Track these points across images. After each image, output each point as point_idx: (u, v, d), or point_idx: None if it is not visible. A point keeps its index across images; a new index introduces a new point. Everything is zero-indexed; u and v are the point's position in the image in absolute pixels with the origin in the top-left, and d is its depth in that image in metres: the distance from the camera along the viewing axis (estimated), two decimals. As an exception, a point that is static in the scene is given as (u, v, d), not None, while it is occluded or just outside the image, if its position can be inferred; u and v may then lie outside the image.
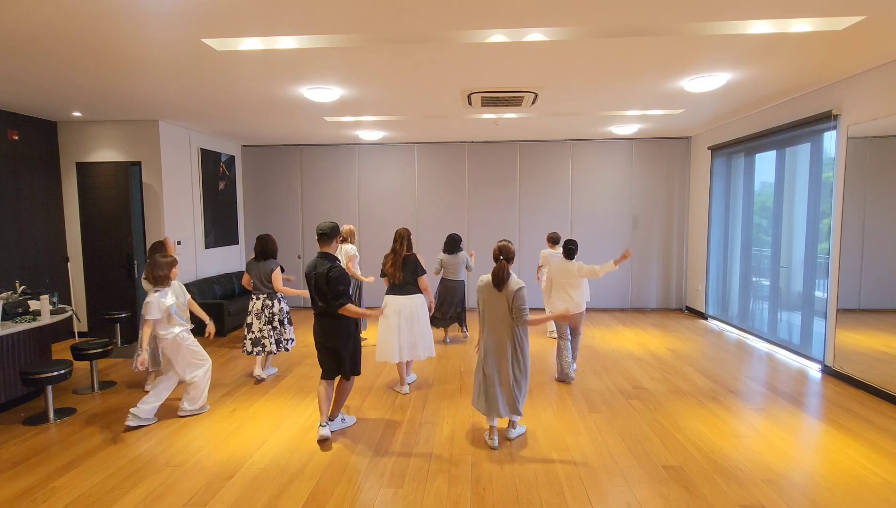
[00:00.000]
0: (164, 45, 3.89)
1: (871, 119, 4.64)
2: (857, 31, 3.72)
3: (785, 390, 4.77)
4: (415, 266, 4.66)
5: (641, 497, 2.99)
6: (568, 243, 5.09)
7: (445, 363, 5.67)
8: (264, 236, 5.12)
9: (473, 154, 8.80)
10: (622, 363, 5.63)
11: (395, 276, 4.64)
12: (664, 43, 3.94)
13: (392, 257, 4.68)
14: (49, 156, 6.71)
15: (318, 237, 3.72)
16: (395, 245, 4.69)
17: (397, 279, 4.65)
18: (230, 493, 3.07)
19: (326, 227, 3.70)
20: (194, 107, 6.02)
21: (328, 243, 3.71)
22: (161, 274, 4.02)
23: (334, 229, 3.72)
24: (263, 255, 5.05)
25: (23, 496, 3.06)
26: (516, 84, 5.09)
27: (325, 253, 3.69)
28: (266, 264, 5.04)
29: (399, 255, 4.65)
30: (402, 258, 4.65)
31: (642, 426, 3.99)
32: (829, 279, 5.20)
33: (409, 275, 4.65)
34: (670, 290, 8.79)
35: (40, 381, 4.02)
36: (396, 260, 4.65)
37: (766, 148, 6.51)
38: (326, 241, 3.70)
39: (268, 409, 4.41)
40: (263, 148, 9.08)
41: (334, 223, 3.75)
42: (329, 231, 3.70)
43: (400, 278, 4.64)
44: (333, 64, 4.39)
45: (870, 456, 3.45)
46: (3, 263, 5.97)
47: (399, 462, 3.44)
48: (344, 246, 6.11)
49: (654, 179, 8.66)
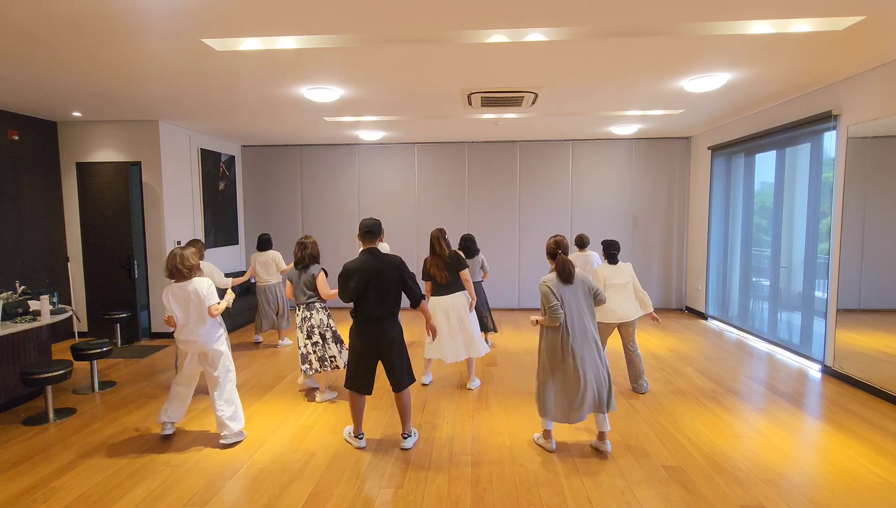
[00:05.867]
0: (164, 45, 3.89)
1: (871, 119, 4.64)
2: (857, 31, 3.72)
3: (785, 390, 4.77)
4: (458, 262, 4.72)
5: (641, 497, 2.99)
6: (611, 248, 4.73)
7: (445, 364, 5.67)
8: (305, 239, 4.64)
9: (473, 154, 8.80)
10: (622, 364, 5.63)
11: (443, 276, 4.65)
12: (664, 43, 3.94)
13: (434, 259, 4.69)
14: (49, 156, 6.71)
15: (362, 234, 3.50)
16: (434, 247, 4.69)
17: (444, 279, 4.66)
18: (230, 493, 3.07)
19: (372, 223, 3.50)
20: (194, 107, 6.02)
21: (374, 240, 3.51)
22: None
23: (378, 225, 3.53)
24: (303, 262, 4.57)
25: (23, 496, 3.06)
26: (516, 84, 5.09)
27: (373, 249, 3.49)
28: (308, 271, 4.58)
29: (441, 256, 4.67)
30: (447, 256, 4.67)
31: (642, 426, 3.99)
32: (829, 279, 5.20)
33: (454, 273, 4.69)
34: (670, 290, 8.79)
35: (40, 381, 4.02)
36: (439, 261, 4.67)
37: (766, 148, 6.51)
38: (372, 238, 3.50)
39: (268, 409, 4.41)
40: (263, 148, 9.08)
41: (377, 220, 3.57)
42: (374, 228, 3.50)
43: (446, 277, 4.66)
44: (333, 64, 4.39)
45: (870, 456, 3.45)
46: (3, 263, 5.97)
47: (399, 462, 3.44)
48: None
49: (654, 179, 8.66)
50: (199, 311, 3.61)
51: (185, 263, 3.59)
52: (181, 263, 3.58)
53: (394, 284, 3.44)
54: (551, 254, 3.53)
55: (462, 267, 4.73)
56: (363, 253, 3.51)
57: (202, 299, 3.60)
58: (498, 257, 8.78)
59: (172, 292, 3.61)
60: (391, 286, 3.43)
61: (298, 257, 4.59)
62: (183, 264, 3.58)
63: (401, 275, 3.44)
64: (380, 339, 3.47)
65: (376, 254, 3.47)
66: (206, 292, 3.62)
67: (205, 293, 3.61)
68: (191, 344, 3.66)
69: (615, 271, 4.67)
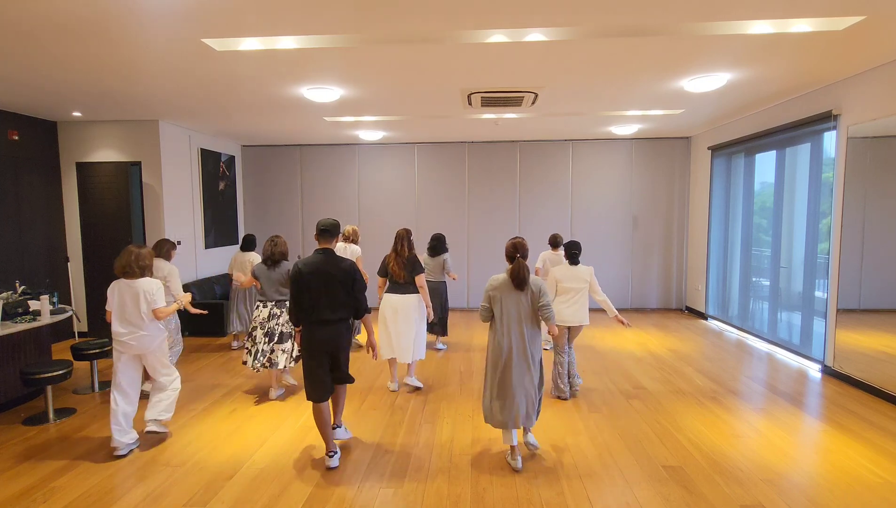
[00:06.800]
0: (164, 45, 3.89)
1: (871, 119, 4.64)
2: (857, 31, 3.72)
3: (785, 390, 4.77)
4: (415, 265, 4.73)
5: (641, 497, 2.99)
6: (572, 248, 4.61)
7: (445, 364, 5.67)
8: (276, 238, 4.70)
9: (473, 154, 8.80)
10: (622, 364, 5.63)
11: (400, 275, 4.69)
12: (664, 43, 3.94)
13: (395, 256, 4.73)
14: (49, 156, 6.71)
15: (318, 233, 3.42)
16: (396, 246, 4.74)
17: (401, 279, 4.70)
18: (230, 493, 3.07)
19: (329, 223, 3.42)
20: (194, 107, 6.02)
21: (330, 240, 3.42)
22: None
23: (336, 226, 3.46)
24: (273, 259, 4.61)
25: (23, 496, 3.06)
26: (516, 84, 5.09)
27: (327, 249, 3.38)
28: (281, 268, 4.61)
29: (402, 255, 4.71)
30: (406, 258, 4.70)
31: (642, 426, 3.99)
32: (829, 279, 5.20)
33: (410, 275, 4.71)
34: (670, 290, 8.79)
35: (40, 381, 4.02)
36: (399, 260, 4.70)
37: (766, 148, 6.51)
38: (329, 237, 3.41)
39: (268, 409, 4.41)
40: (263, 148, 9.08)
41: (336, 220, 3.51)
42: (331, 228, 3.41)
43: (404, 276, 4.70)
44: (333, 64, 4.39)
45: (870, 456, 3.45)
46: (3, 263, 5.97)
47: (399, 462, 3.44)
48: (350, 247, 6.09)
49: (654, 179, 8.66)
50: (144, 311, 3.58)
51: (139, 261, 3.62)
52: (135, 261, 3.60)
53: (345, 288, 3.32)
54: (509, 257, 3.43)
55: (417, 271, 4.71)
56: (316, 252, 3.39)
57: (148, 300, 3.58)
58: (498, 258, 8.77)
59: (119, 288, 3.60)
60: (342, 290, 3.31)
61: (268, 254, 4.61)
62: (137, 262, 3.61)
63: (353, 282, 3.33)
64: (331, 340, 3.33)
65: (330, 256, 3.36)
66: (153, 294, 3.60)
67: (152, 295, 3.60)
68: (129, 346, 3.60)
69: (571, 274, 4.57)
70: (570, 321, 4.53)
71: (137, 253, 3.63)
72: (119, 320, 3.59)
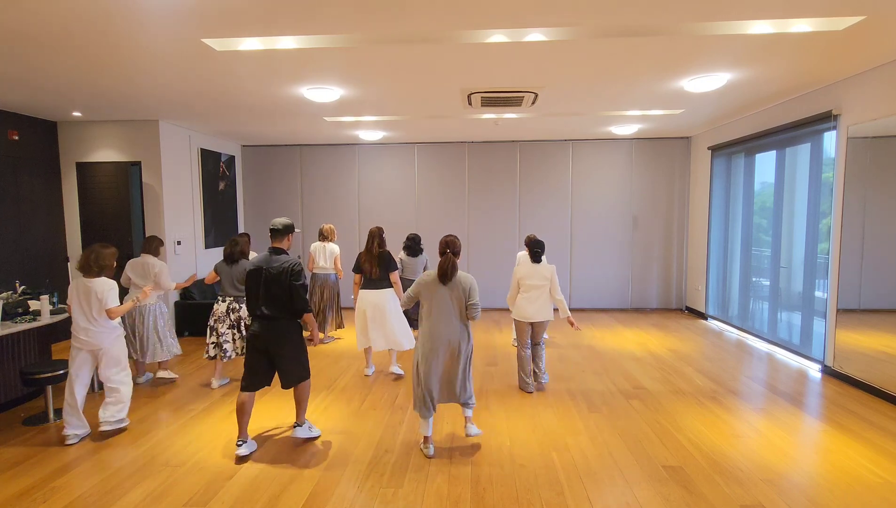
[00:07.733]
0: (164, 45, 3.89)
1: (871, 119, 4.64)
2: (857, 31, 3.72)
3: (785, 390, 4.77)
4: (388, 262, 5.01)
5: (641, 497, 2.99)
6: (535, 246, 4.73)
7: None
8: (238, 238, 5.01)
9: (473, 154, 8.80)
10: (622, 364, 5.63)
11: (372, 271, 4.97)
12: (664, 43, 3.94)
13: (367, 254, 5.01)
14: (49, 156, 6.71)
15: (272, 233, 3.59)
16: (368, 243, 5.02)
17: (374, 275, 4.98)
18: (230, 493, 3.07)
19: (280, 223, 3.59)
20: (194, 107, 6.02)
21: (281, 239, 3.58)
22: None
23: (288, 226, 3.62)
24: (232, 258, 4.87)
25: (23, 496, 3.06)
26: (516, 84, 5.09)
27: (278, 248, 3.56)
28: (239, 267, 4.86)
29: (373, 252, 4.97)
30: (378, 255, 4.97)
31: (642, 426, 3.99)
32: (829, 279, 5.20)
33: (384, 270, 4.99)
34: (670, 290, 8.79)
35: (40, 381, 4.02)
36: (371, 257, 4.98)
37: (766, 148, 6.51)
38: (279, 236, 3.58)
39: (267, 409, 4.41)
40: (263, 148, 9.08)
41: (289, 220, 3.67)
42: (281, 227, 3.58)
43: (376, 273, 4.98)
44: (333, 64, 4.39)
45: (870, 456, 3.45)
46: (3, 263, 5.97)
47: (399, 462, 3.44)
48: (329, 245, 6.45)
49: (653, 179, 8.66)
50: (97, 310, 3.70)
51: (98, 261, 3.72)
52: (94, 260, 3.70)
53: (283, 286, 3.45)
54: (441, 252, 3.63)
55: (392, 268, 5.03)
56: (265, 251, 3.60)
57: (100, 299, 3.69)
58: (497, 258, 8.78)
59: (76, 285, 3.72)
60: (281, 288, 3.45)
61: (228, 253, 4.88)
62: (96, 261, 3.71)
63: (289, 282, 3.45)
64: (271, 338, 3.49)
65: (274, 255, 3.53)
66: (105, 294, 3.71)
67: (104, 295, 3.70)
68: (84, 342, 3.75)
69: (533, 271, 4.71)
70: (533, 317, 4.68)
71: (98, 253, 3.73)
72: (77, 315, 3.73)
